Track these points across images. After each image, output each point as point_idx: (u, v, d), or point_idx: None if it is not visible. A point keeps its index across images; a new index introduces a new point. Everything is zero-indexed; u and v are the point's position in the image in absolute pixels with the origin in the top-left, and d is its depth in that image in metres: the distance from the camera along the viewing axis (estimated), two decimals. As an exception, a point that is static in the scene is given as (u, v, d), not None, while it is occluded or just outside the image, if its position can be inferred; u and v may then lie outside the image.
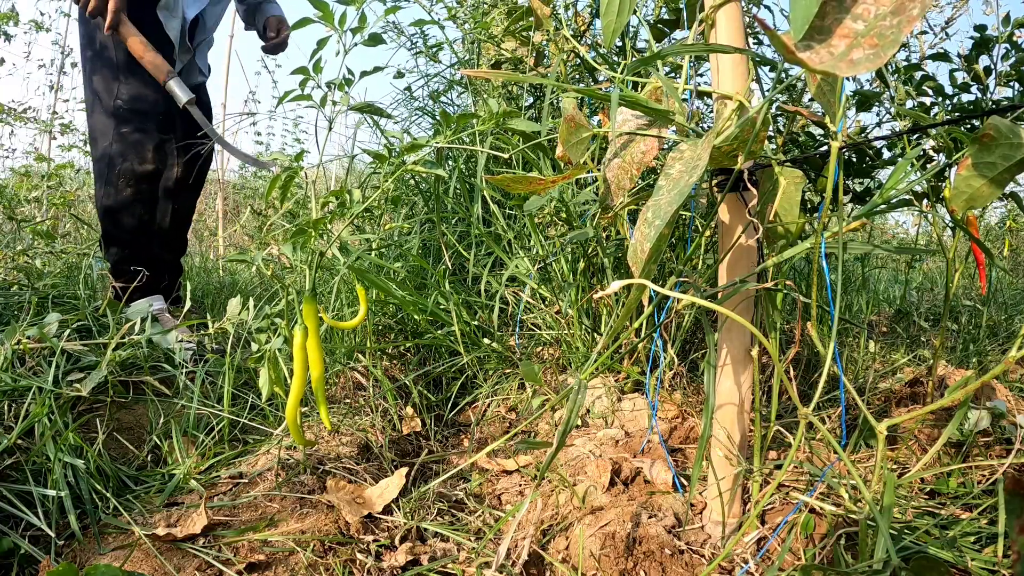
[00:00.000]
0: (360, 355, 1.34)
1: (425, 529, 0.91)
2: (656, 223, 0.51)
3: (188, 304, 1.34)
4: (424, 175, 1.62)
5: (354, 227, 1.61)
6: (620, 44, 1.28)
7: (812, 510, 0.78)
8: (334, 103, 0.93)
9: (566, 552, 0.83)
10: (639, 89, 0.79)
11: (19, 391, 0.98)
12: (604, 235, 1.23)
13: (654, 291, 0.53)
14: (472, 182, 1.60)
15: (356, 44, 0.90)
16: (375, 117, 1.40)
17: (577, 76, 1.39)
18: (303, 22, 0.91)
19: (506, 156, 1.04)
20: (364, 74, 0.93)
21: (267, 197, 1.02)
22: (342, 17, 0.88)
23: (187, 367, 1.20)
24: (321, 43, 0.92)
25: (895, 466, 0.98)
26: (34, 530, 0.78)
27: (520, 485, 1.04)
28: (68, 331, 1.14)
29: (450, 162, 1.77)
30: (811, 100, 1.26)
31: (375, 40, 0.90)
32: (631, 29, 1.32)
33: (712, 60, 0.75)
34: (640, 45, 1.36)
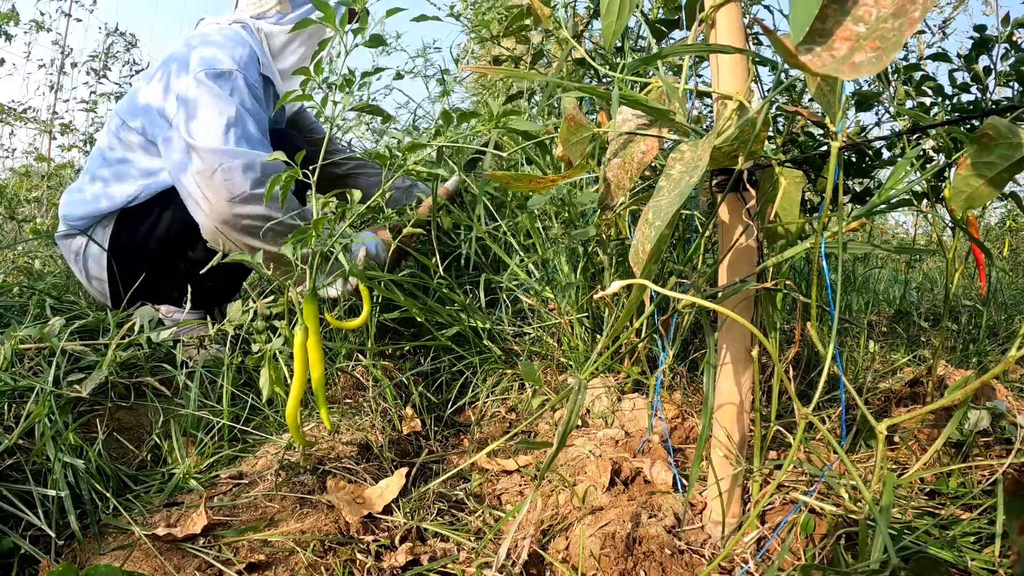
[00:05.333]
0: (360, 355, 1.34)
1: (425, 529, 0.91)
2: (657, 224, 0.52)
3: (189, 305, 1.34)
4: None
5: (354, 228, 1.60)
6: (619, 44, 1.28)
7: (812, 510, 0.78)
8: (335, 103, 0.93)
9: (566, 552, 0.83)
10: (639, 89, 0.79)
11: (19, 391, 0.98)
12: (606, 235, 1.23)
13: (655, 291, 0.53)
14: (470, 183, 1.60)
15: (357, 45, 0.90)
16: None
17: (578, 76, 1.39)
18: (304, 23, 0.91)
19: (506, 155, 1.04)
20: (366, 75, 0.94)
21: (267, 197, 1.02)
22: (343, 18, 0.88)
23: (188, 367, 1.20)
24: (323, 44, 0.92)
25: (895, 466, 0.98)
26: (34, 530, 0.78)
27: (520, 485, 1.04)
28: (69, 332, 1.14)
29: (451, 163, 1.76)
30: (811, 100, 1.26)
31: (377, 41, 0.90)
32: (631, 30, 1.32)
33: (712, 60, 0.75)
34: (640, 45, 1.36)
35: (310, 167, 0.92)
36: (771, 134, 1.12)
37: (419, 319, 1.33)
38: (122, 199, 1.39)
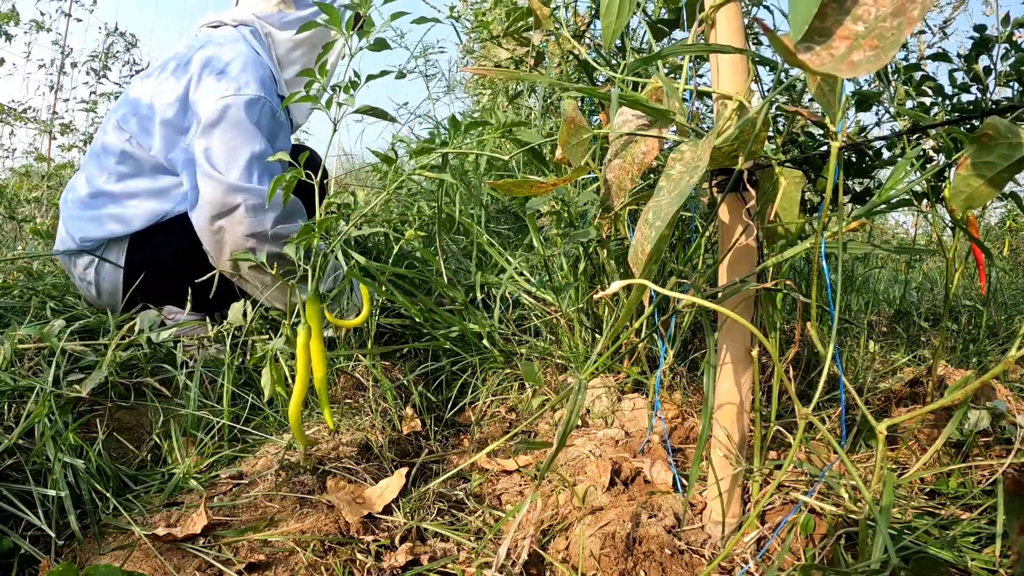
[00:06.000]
0: (360, 355, 1.34)
1: (425, 529, 0.91)
2: (657, 224, 0.51)
3: (189, 306, 1.34)
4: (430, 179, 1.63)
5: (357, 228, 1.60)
6: (620, 44, 1.28)
7: (812, 510, 0.78)
8: (339, 105, 0.93)
9: (566, 552, 0.83)
10: (639, 89, 0.79)
11: (19, 391, 0.98)
12: (605, 235, 1.23)
13: (655, 291, 0.53)
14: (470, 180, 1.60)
15: (362, 48, 0.90)
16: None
17: (577, 76, 1.39)
18: (310, 25, 0.91)
19: (507, 158, 1.04)
20: (370, 77, 0.93)
21: (270, 197, 1.02)
22: (349, 21, 0.88)
23: (189, 367, 1.20)
24: (327, 47, 0.92)
25: (895, 466, 0.98)
26: (34, 530, 0.78)
27: (520, 485, 1.04)
28: (68, 332, 1.14)
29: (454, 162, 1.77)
30: (811, 100, 1.26)
31: (381, 45, 0.90)
32: (631, 30, 1.32)
33: (712, 60, 0.75)
34: (641, 46, 1.36)
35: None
36: (771, 134, 1.12)
37: (418, 319, 1.33)
38: (140, 222, 1.38)
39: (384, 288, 1.27)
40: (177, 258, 1.38)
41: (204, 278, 1.33)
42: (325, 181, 1.70)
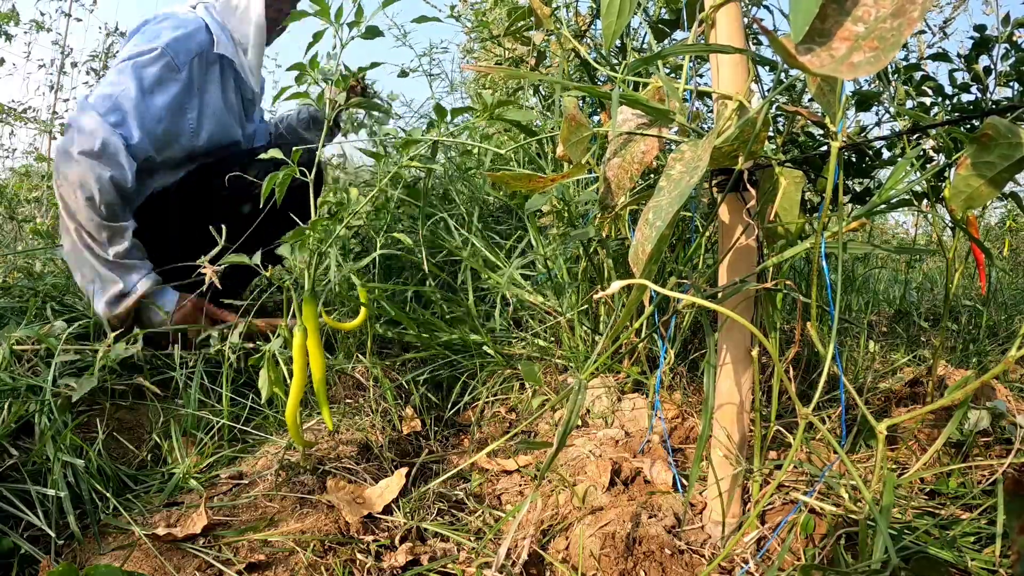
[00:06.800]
0: (360, 355, 1.34)
1: (425, 529, 0.91)
2: (657, 224, 0.51)
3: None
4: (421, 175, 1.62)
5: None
6: (620, 44, 1.28)
7: (812, 510, 0.78)
8: (331, 101, 0.93)
9: (566, 552, 0.83)
10: (640, 89, 0.79)
11: (18, 391, 0.98)
12: (605, 235, 1.23)
13: (655, 291, 0.53)
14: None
15: (353, 38, 0.89)
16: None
17: (578, 76, 1.39)
18: (298, 15, 0.91)
19: (503, 152, 1.04)
20: (361, 70, 0.93)
21: (264, 194, 1.02)
22: (339, 11, 0.87)
23: (188, 367, 1.19)
24: (317, 36, 0.91)
25: (895, 466, 0.98)
26: (34, 530, 0.78)
27: (520, 485, 1.04)
28: (67, 333, 1.14)
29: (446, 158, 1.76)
30: (811, 100, 1.26)
31: (373, 33, 0.90)
32: (632, 30, 1.32)
33: (712, 60, 0.75)
34: (642, 46, 1.36)
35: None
36: (771, 134, 1.12)
37: (411, 331, 1.33)
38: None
39: (376, 304, 1.27)
40: (180, 252, 1.39)
41: (200, 268, 1.34)
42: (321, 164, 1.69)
